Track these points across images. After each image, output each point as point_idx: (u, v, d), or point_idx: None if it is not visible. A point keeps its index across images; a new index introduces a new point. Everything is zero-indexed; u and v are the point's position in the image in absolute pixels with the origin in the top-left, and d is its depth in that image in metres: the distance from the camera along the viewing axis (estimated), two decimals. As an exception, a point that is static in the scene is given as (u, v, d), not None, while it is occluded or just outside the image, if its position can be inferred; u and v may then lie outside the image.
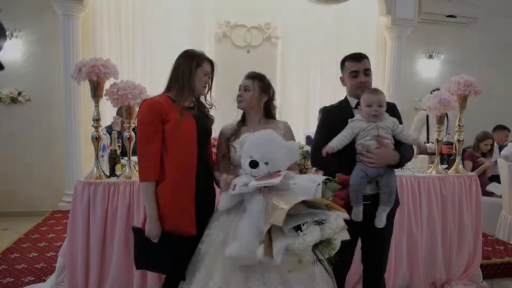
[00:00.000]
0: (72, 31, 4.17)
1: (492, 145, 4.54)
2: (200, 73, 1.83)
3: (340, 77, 2.05)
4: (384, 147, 1.77)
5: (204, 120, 1.92)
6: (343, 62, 2.01)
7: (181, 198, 1.73)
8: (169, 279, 1.84)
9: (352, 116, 1.90)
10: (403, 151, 1.82)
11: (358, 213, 1.76)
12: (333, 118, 1.95)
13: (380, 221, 1.79)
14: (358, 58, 1.94)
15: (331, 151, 1.78)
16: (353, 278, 2.61)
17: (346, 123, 1.85)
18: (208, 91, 1.95)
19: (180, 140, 1.74)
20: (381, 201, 1.79)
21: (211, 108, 1.99)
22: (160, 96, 1.83)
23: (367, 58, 1.97)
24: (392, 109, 1.95)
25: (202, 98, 1.95)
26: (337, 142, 1.79)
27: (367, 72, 1.92)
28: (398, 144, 1.85)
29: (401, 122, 1.95)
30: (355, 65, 1.92)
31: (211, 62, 1.91)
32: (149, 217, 1.72)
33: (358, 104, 1.90)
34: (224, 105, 2.07)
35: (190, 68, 1.81)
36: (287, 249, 1.32)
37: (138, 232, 1.80)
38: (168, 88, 1.86)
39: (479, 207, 2.88)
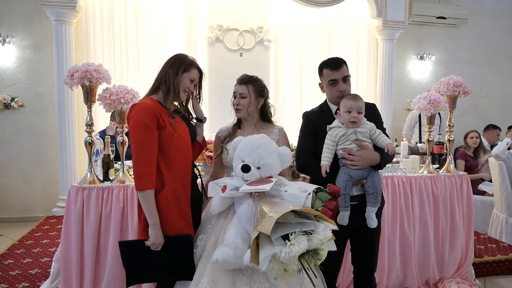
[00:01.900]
0: (65, 37, 4.16)
1: (480, 139, 4.57)
2: (186, 78, 1.80)
3: (319, 83, 2.04)
4: (364, 149, 1.80)
5: (189, 122, 1.93)
6: (320, 69, 1.98)
7: (180, 202, 1.72)
8: (163, 285, 1.82)
9: (333, 120, 1.91)
10: (383, 152, 1.84)
11: (344, 217, 1.78)
12: (315, 122, 1.97)
13: (372, 221, 1.82)
14: (336, 66, 1.90)
15: (327, 168, 1.80)
16: (346, 280, 2.63)
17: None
18: (198, 101, 1.94)
19: (177, 145, 1.73)
20: (368, 202, 1.81)
21: (190, 116, 1.96)
22: (148, 99, 1.78)
23: (345, 63, 1.95)
24: (372, 110, 1.98)
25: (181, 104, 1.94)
26: (327, 157, 1.82)
27: (345, 78, 1.91)
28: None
29: (381, 122, 1.99)
30: (333, 74, 1.90)
31: (199, 71, 1.88)
32: (153, 226, 1.66)
33: (338, 109, 1.92)
34: (217, 108, 2.09)
35: (177, 71, 1.79)
36: (274, 257, 1.32)
37: (131, 245, 1.76)
38: (155, 89, 1.82)
39: (470, 206, 2.92)
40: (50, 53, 4.32)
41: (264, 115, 2.02)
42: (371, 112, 1.93)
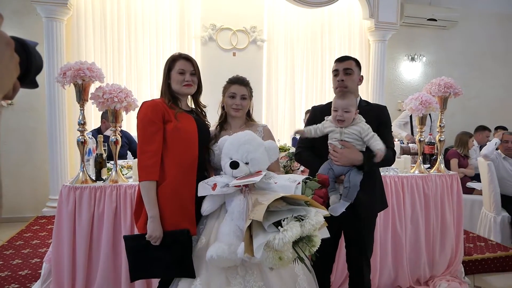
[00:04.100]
0: (55, 34, 4.12)
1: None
2: (174, 74, 1.84)
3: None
4: (347, 148, 1.82)
5: (204, 124, 1.93)
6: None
7: (182, 198, 1.72)
8: (164, 283, 1.80)
9: None
10: (373, 155, 1.85)
11: (334, 199, 1.81)
12: (318, 117, 2.00)
13: (335, 210, 1.79)
14: (341, 59, 2.03)
15: (301, 133, 1.93)
16: (340, 278, 2.65)
17: None
18: (198, 90, 1.93)
19: (181, 140, 1.74)
20: (342, 194, 1.83)
21: (204, 108, 1.99)
22: (160, 99, 1.85)
23: (354, 60, 2.02)
24: (381, 111, 2.01)
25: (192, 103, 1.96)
26: (308, 130, 1.92)
27: (347, 71, 1.97)
28: None
29: (390, 125, 2.03)
30: (337, 65, 2.01)
31: (187, 59, 1.87)
32: (151, 218, 1.67)
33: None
34: (210, 107, 2.08)
35: (165, 73, 1.86)
36: (268, 245, 1.32)
37: (133, 239, 1.76)
38: (161, 96, 1.89)
39: (460, 205, 2.97)
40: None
41: (249, 115, 2.05)
42: (379, 113, 1.97)
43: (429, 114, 4.54)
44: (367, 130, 1.85)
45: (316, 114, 2.05)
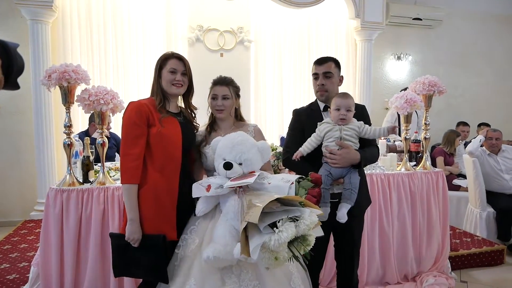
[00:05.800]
0: (41, 37, 4.07)
1: None
2: (165, 73, 1.82)
3: None
4: (345, 148, 1.84)
5: (189, 127, 1.92)
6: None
7: (163, 202, 1.72)
8: (147, 283, 1.81)
9: (321, 118, 1.97)
10: (366, 152, 1.91)
11: (324, 213, 1.80)
12: (303, 120, 2.02)
13: (342, 216, 1.82)
14: (320, 61, 2.01)
15: (300, 155, 1.88)
16: (328, 275, 2.68)
17: (315, 125, 1.92)
18: (189, 91, 1.93)
19: (164, 145, 1.74)
20: (343, 197, 1.85)
21: (195, 110, 1.98)
22: (148, 99, 1.83)
23: (333, 61, 2.02)
24: (361, 111, 2.03)
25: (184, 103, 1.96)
26: (305, 147, 1.89)
27: (326, 75, 1.98)
28: (365, 146, 1.94)
29: (370, 123, 2.03)
30: (316, 68, 2.01)
31: (179, 58, 1.86)
32: (130, 220, 1.69)
33: (325, 107, 1.99)
34: (198, 108, 2.08)
35: (156, 71, 1.85)
36: (264, 246, 1.34)
37: (117, 238, 1.77)
38: (152, 94, 1.88)
39: (446, 201, 3.01)
40: (25, 53, 4.20)
41: (238, 115, 2.04)
42: (360, 113, 1.98)
43: (416, 112, 4.60)
44: (362, 125, 1.91)
45: (301, 117, 2.05)
